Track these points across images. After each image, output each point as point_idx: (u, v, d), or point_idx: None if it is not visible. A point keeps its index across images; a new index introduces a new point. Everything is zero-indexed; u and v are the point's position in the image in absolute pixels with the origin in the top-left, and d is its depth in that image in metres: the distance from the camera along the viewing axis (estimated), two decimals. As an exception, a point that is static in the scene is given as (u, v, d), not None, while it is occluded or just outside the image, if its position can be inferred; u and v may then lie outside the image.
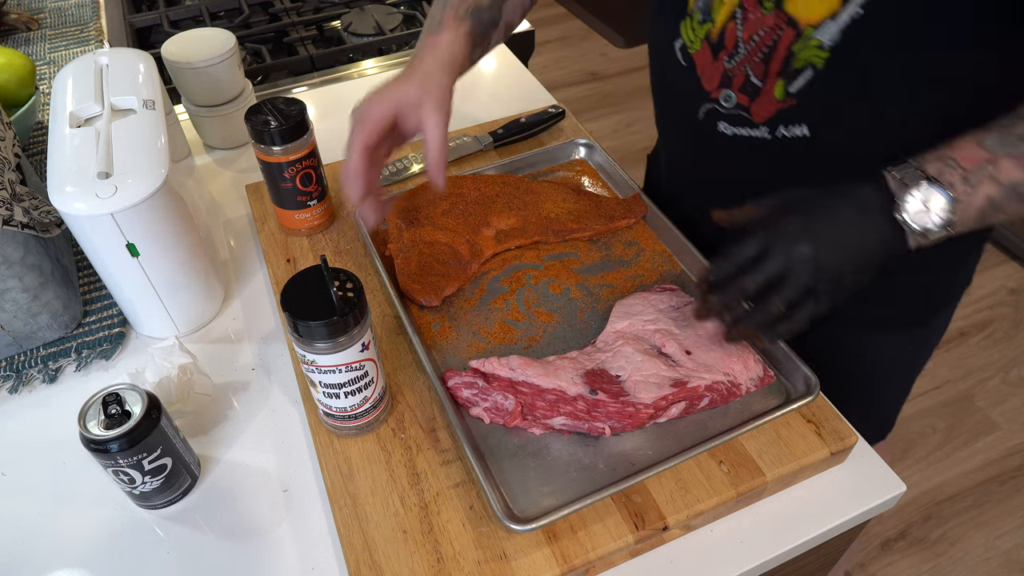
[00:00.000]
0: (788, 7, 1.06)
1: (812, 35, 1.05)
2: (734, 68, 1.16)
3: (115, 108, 1.23)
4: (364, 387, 1.06)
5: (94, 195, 1.09)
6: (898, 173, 0.98)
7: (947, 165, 0.96)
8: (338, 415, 1.08)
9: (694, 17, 1.19)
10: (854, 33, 1.02)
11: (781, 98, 1.13)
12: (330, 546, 1.04)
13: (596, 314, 1.27)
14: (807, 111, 1.13)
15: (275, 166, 1.33)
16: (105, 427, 0.98)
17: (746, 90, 1.16)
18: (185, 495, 1.10)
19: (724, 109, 1.21)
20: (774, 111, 1.15)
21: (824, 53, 1.05)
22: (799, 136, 1.15)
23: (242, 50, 2.01)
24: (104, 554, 1.05)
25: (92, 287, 1.39)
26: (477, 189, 1.43)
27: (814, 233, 0.99)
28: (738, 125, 1.21)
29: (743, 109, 1.19)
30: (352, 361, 1.01)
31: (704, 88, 1.23)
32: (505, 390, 1.12)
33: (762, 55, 1.12)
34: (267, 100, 1.32)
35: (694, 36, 1.21)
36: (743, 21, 1.12)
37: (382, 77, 1.97)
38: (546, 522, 0.97)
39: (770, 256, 1.00)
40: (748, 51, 1.13)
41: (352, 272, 1.00)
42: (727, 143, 1.24)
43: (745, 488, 1.03)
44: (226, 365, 1.27)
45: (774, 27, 1.08)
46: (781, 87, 1.12)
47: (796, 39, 1.07)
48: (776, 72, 1.11)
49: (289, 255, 1.40)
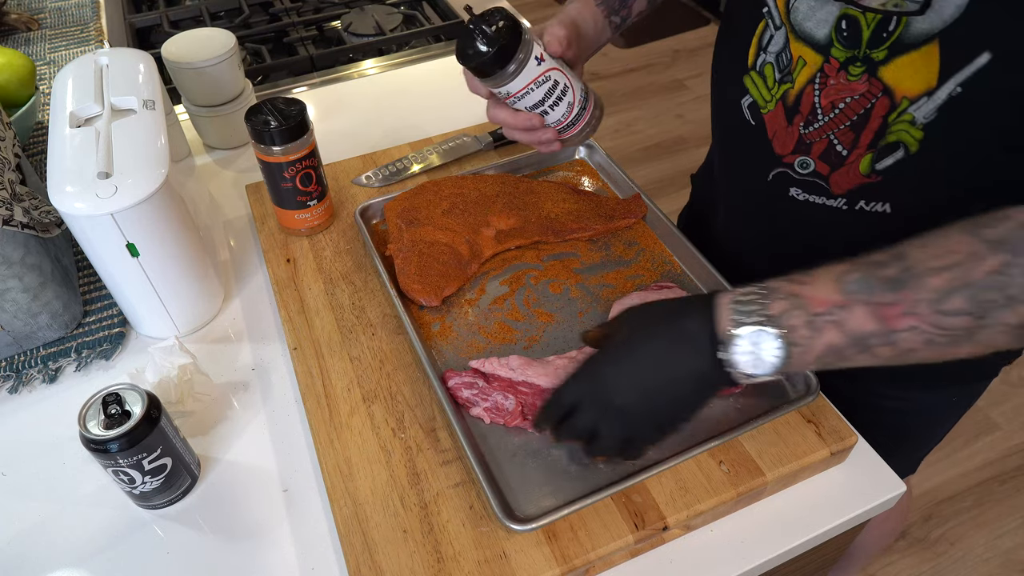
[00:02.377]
0: (883, 75, 1.01)
1: (907, 108, 1.00)
2: (813, 135, 1.12)
3: (115, 108, 1.23)
4: (563, 93, 1.20)
5: (94, 195, 1.09)
6: (739, 304, 0.90)
7: (794, 303, 0.87)
8: (564, 127, 1.25)
9: (766, 75, 1.14)
10: (951, 113, 0.98)
11: (866, 173, 1.09)
12: (330, 546, 1.04)
13: (596, 314, 1.27)
14: (892, 190, 1.09)
15: (275, 166, 1.33)
16: (105, 427, 0.98)
17: (828, 159, 1.12)
18: (185, 495, 1.10)
19: (798, 175, 1.17)
20: (856, 185, 1.11)
21: (918, 132, 1.01)
22: (879, 212, 1.12)
23: (242, 50, 2.01)
24: (104, 554, 1.05)
25: (92, 287, 1.39)
26: (477, 189, 1.43)
27: (623, 381, 0.95)
28: (813, 193, 1.17)
29: (821, 178, 1.15)
30: (537, 76, 1.16)
31: (776, 152, 1.18)
32: (505, 390, 1.12)
33: (851, 123, 1.07)
34: (267, 100, 1.32)
35: (768, 96, 1.16)
36: (822, 87, 1.07)
37: (382, 77, 1.98)
38: (546, 522, 0.97)
39: (579, 410, 0.98)
40: (832, 118, 1.08)
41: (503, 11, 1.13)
42: (797, 208, 1.20)
43: (745, 488, 1.03)
44: (226, 365, 1.27)
45: (867, 95, 1.03)
46: (868, 162, 1.08)
47: (891, 110, 1.02)
48: (867, 144, 1.06)
49: (289, 255, 1.40)
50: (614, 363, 0.96)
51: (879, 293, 0.84)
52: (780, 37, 1.10)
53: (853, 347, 0.87)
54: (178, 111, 1.76)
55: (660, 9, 1.41)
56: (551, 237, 1.38)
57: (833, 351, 0.88)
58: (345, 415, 1.14)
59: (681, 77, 4.88)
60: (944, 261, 0.82)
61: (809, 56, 1.07)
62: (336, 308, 1.29)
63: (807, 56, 1.07)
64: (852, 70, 1.03)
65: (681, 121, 4.52)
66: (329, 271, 1.36)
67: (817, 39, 1.05)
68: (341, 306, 1.30)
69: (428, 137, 1.67)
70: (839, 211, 1.15)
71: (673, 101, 4.68)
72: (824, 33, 1.04)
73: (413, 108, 1.83)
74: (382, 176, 1.56)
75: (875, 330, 0.85)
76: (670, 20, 5.34)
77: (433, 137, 1.67)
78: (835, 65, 1.04)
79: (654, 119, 4.55)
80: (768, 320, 0.88)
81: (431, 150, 1.62)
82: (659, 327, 0.96)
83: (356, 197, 1.52)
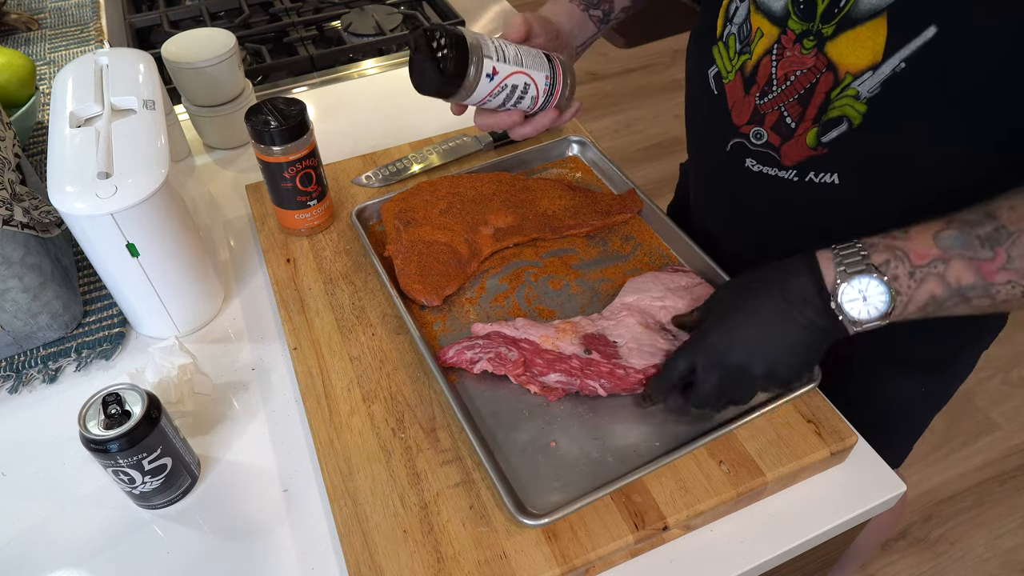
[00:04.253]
0: (829, 50, 1.04)
1: (851, 84, 1.03)
2: (766, 105, 1.15)
3: (115, 108, 1.23)
4: (523, 93, 1.25)
5: (94, 195, 1.09)
6: (841, 257, 0.94)
7: (895, 256, 0.92)
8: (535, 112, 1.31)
9: (729, 45, 1.18)
10: (894, 87, 1.00)
11: (812, 145, 1.12)
12: (330, 546, 1.04)
13: (597, 308, 1.26)
14: (838, 161, 1.11)
15: (275, 166, 1.33)
16: (105, 427, 0.98)
17: (779, 130, 1.15)
18: (185, 495, 1.10)
19: (752, 146, 1.20)
20: (804, 157, 1.14)
21: (861, 106, 1.04)
22: (828, 183, 1.14)
23: (242, 50, 2.01)
24: (104, 554, 1.05)
25: (92, 287, 1.39)
26: (473, 188, 1.43)
27: (740, 340, 1.00)
28: (766, 164, 1.20)
29: (773, 149, 1.17)
30: (493, 88, 1.21)
31: (733, 122, 1.21)
32: (508, 345, 1.15)
33: (798, 96, 1.10)
34: (267, 100, 1.32)
35: (730, 66, 1.19)
36: (779, 58, 1.10)
37: (382, 77, 1.98)
38: (559, 516, 0.97)
39: (700, 375, 1.01)
40: (783, 90, 1.11)
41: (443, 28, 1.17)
42: (752, 179, 1.23)
43: (745, 488, 1.03)
44: (226, 365, 1.27)
45: (813, 69, 1.06)
46: (814, 135, 1.11)
47: (834, 85, 1.05)
48: (812, 118, 1.10)
49: (289, 255, 1.40)
50: (728, 326, 1.01)
51: (977, 249, 0.89)
52: (744, 9, 1.14)
53: (954, 297, 0.92)
54: (178, 111, 1.76)
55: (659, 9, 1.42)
56: (549, 234, 1.38)
57: (935, 301, 0.93)
58: (345, 415, 1.14)
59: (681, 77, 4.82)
60: None
61: (766, 27, 1.10)
62: (336, 308, 1.29)
63: (764, 27, 1.11)
64: (806, 43, 1.06)
65: (680, 121, 4.48)
66: (329, 271, 1.36)
67: (774, 11, 1.08)
68: (341, 306, 1.30)
69: (428, 137, 1.67)
70: (791, 183, 1.18)
71: (672, 101, 4.68)
72: (781, 5, 1.07)
73: (413, 108, 1.83)
74: (382, 176, 1.56)
75: (975, 283, 0.90)
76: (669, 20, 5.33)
77: (433, 137, 1.67)
78: (791, 37, 1.07)
79: (654, 119, 4.55)
80: (873, 269, 0.92)
81: (431, 150, 1.62)
82: (766, 287, 1.00)
83: (356, 197, 1.52)
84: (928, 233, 0.91)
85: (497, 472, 1.02)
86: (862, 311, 0.93)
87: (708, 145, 1.33)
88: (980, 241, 0.89)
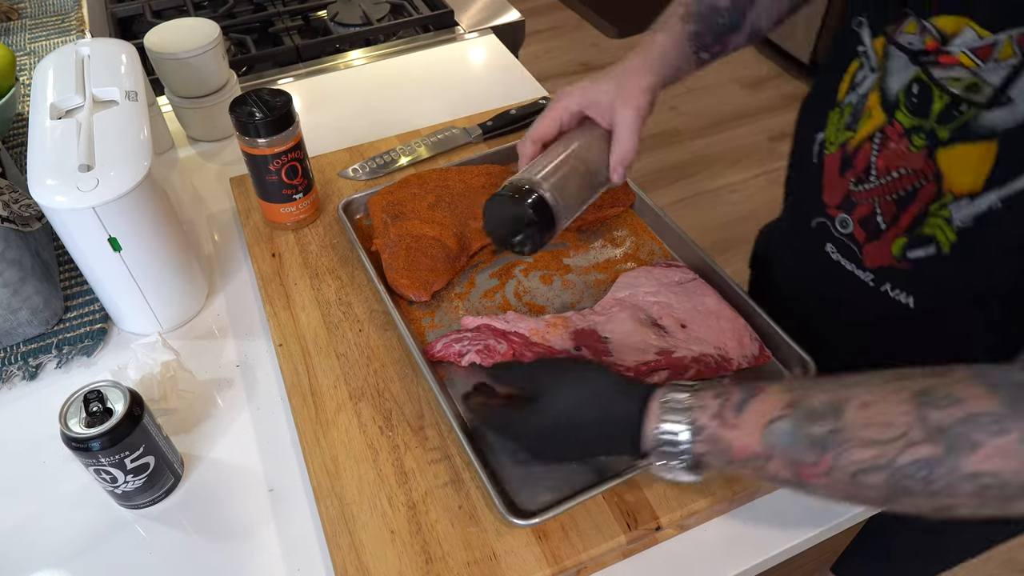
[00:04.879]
0: (940, 157, 0.96)
1: (948, 204, 0.97)
2: (860, 195, 1.09)
3: (97, 99, 1.23)
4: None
5: (75, 188, 1.08)
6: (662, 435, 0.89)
7: (713, 449, 0.87)
8: None
9: (844, 114, 1.10)
10: (987, 224, 0.94)
11: (897, 256, 1.06)
12: (316, 547, 1.04)
13: (588, 304, 1.27)
14: (918, 283, 1.07)
15: (260, 159, 1.32)
16: (86, 425, 0.98)
17: (867, 226, 1.09)
18: (168, 495, 1.10)
19: (836, 232, 1.15)
20: (886, 265, 1.09)
21: (951, 234, 0.98)
22: (902, 303, 1.10)
23: (226, 40, 2.01)
24: (85, 555, 1.04)
25: (73, 282, 1.38)
26: (463, 181, 1.43)
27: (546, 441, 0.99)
28: (846, 257, 1.16)
29: (856, 244, 1.13)
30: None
31: (823, 199, 1.16)
32: (497, 337, 1.15)
33: (897, 197, 1.03)
34: (252, 91, 1.31)
35: (834, 137, 1.12)
36: (880, 148, 1.03)
37: (369, 68, 1.98)
38: (548, 516, 0.97)
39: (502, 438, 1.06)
40: (881, 184, 1.05)
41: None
42: (830, 266, 1.19)
43: (740, 487, 1.04)
44: (210, 362, 1.27)
45: (919, 173, 0.99)
46: (900, 245, 1.05)
47: (935, 198, 0.98)
48: (905, 226, 1.03)
49: (274, 249, 1.40)
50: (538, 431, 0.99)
51: (802, 451, 0.81)
52: (870, 81, 1.05)
53: (763, 480, 0.91)
54: (161, 102, 1.75)
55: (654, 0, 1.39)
56: (540, 228, 1.38)
57: (744, 476, 0.95)
58: (331, 413, 1.14)
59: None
60: (878, 433, 0.78)
61: (876, 110, 1.03)
62: (322, 303, 1.29)
63: (875, 110, 1.04)
64: (915, 140, 0.98)
65: (675, 113, 4.52)
66: (315, 266, 1.36)
67: (888, 95, 1.01)
68: (327, 301, 1.30)
69: (416, 129, 1.67)
70: (865, 285, 1.13)
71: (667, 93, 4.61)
72: (895, 91, 1.00)
73: (401, 100, 1.83)
74: (369, 169, 1.56)
75: (788, 478, 0.84)
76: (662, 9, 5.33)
77: (421, 129, 1.67)
78: (899, 129, 1.00)
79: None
80: (686, 460, 0.89)
81: (419, 142, 1.62)
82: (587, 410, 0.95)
83: (342, 190, 1.52)
84: (762, 420, 0.84)
85: (487, 471, 1.02)
86: (668, 474, 0.91)
87: (796, 213, 1.28)
88: (809, 442, 0.81)
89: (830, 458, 0.79)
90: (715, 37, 1.21)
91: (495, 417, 1.04)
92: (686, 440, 0.87)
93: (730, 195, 4.00)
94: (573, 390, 0.96)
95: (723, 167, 4.17)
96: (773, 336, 1.19)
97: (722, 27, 1.21)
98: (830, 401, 0.81)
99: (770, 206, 3.87)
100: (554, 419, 0.95)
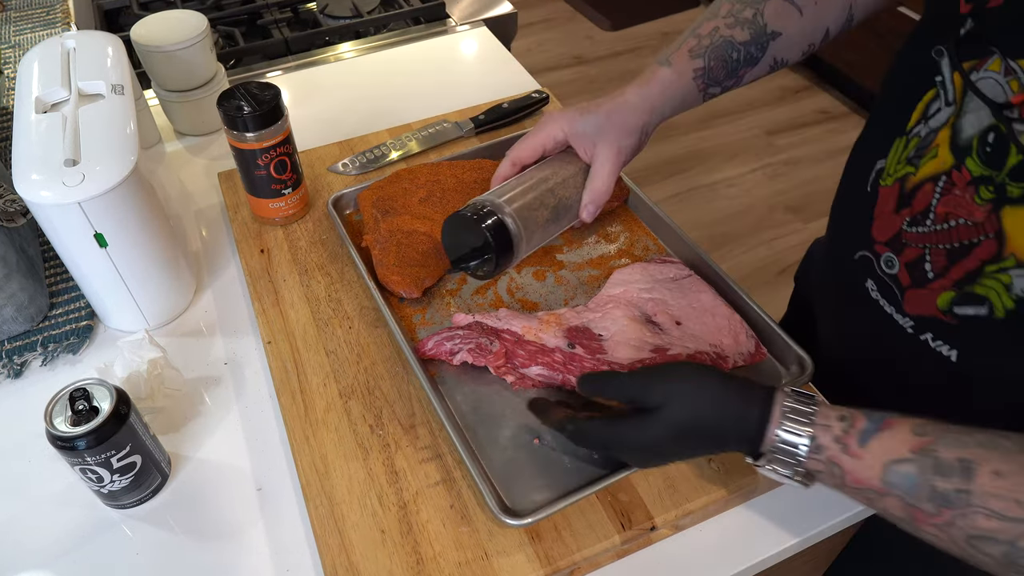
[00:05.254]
0: (1005, 216, 0.89)
1: (1009, 268, 0.90)
2: (912, 237, 1.02)
3: (83, 93, 1.23)
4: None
5: (61, 183, 1.08)
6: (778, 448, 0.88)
7: (830, 471, 0.86)
8: None
9: (909, 146, 1.01)
10: None
11: (943, 309, 1.00)
12: (306, 547, 1.04)
13: (582, 301, 1.27)
14: (963, 340, 1.01)
15: (248, 153, 1.32)
16: (72, 424, 0.97)
17: (913, 272, 1.03)
18: (155, 494, 1.10)
19: (879, 270, 1.09)
20: (928, 315, 1.03)
21: (1008, 300, 0.92)
22: (944, 355, 1.04)
23: (214, 33, 2.00)
24: (71, 555, 1.04)
25: (59, 279, 1.38)
26: (454, 176, 1.43)
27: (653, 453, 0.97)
28: (885, 297, 1.10)
29: (898, 287, 1.06)
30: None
31: (871, 232, 1.09)
32: (490, 336, 1.15)
33: (950, 248, 0.97)
34: (240, 85, 1.31)
35: (894, 169, 1.04)
36: (943, 193, 0.96)
37: (360, 61, 1.98)
38: (541, 516, 0.97)
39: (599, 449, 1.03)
40: (936, 231, 0.98)
41: None
42: (867, 303, 1.13)
43: (736, 486, 1.04)
44: (197, 359, 1.27)
45: (979, 227, 0.92)
46: (947, 299, 0.99)
47: (993, 258, 0.92)
48: (954, 279, 0.97)
49: (263, 245, 1.40)
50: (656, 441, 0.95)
51: (923, 500, 0.80)
52: (944, 116, 0.96)
53: (876, 511, 0.88)
54: (148, 96, 1.75)
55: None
56: (533, 225, 1.38)
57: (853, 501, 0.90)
58: (321, 411, 1.13)
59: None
60: (1006, 508, 0.76)
61: (944, 151, 0.96)
62: (312, 300, 1.29)
63: (942, 150, 0.96)
64: (983, 192, 0.91)
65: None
66: (304, 262, 1.36)
67: (961, 138, 0.93)
68: (317, 298, 1.29)
69: (407, 123, 1.67)
70: (904, 331, 1.08)
71: (661, 86, 4.67)
72: (969, 135, 0.92)
73: (391, 93, 1.83)
74: (359, 163, 1.56)
75: (900, 517, 0.84)
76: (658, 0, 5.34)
77: (412, 123, 1.67)
78: (966, 177, 0.93)
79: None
80: (801, 475, 0.89)
81: (410, 136, 1.61)
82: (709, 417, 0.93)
83: (332, 185, 1.52)
84: (886, 457, 0.83)
85: (479, 470, 1.02)
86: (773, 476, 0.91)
87: (840, 240, 1.23)
88: (932, 494, 0.80)
89: (950, 516, 0.79)
90: (728, 72, 1.18)
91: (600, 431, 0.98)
92: (803, 455, 0.87)
93: (727, 190, 4.01)
94: (694, 398, 0.93)
95: (719, 161, 4.17)
96: (770, 333, 1.19)
97: (736, 62, 1.18)
98: (961, 459, 0.79)
99: (767, 201, 3.88)
100: (678, 428, 0.92)
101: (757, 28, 1.15)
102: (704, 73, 1.16)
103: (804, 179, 4.06)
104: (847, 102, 4.54)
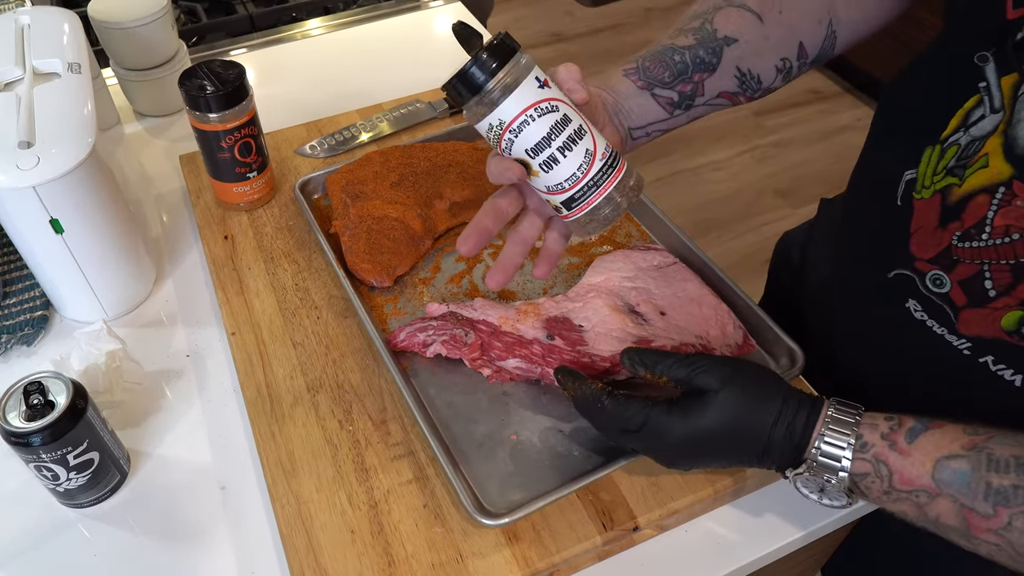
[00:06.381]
0: None
1: None
2: (965, 253, 0.96)
3: (37, 72, 1.22)
4: (576, 135, 0.92)
5: (14, 166, 1.07)
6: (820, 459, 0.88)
7: (877, 472, 0.86)
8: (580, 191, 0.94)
9: (945, 155, 0.96)
10: None
11: (1008, 330, 0.95)
12: (271, 548, 1.04)
13: (561, 290, 1.27)
14: None
15: (211, 135, 1.32)
16: (27, 419, 0.97)
17: (970, 290, 0.97)
18: (113, 493, 1.09)
19: (925, 290, 1.03)
20: (990, 336, 0.97)
21: None
22: (1007, 379, 0.99)
23: (176, 8, 1.99)
24: (25, 556, 1.04)
25: (12, 266, 1.37)
26: (427, 159, 1.43)
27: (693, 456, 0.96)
28: (934, 318, 1.04)
29: (951, 307, 1.00)
30: (538, 100, 0.90)
31: (910, 250, 1.03)
32: (464, 327, 1.15)
33: (1014, 264, 0.91)
34: (203, 63, 1.31)
35: (930, 181, 0.98)
36: (1002, 204, 0.90)
37: (328, 38, 1.97)
38: (519, 516, 0.97)
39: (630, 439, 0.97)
40: (996, 246, 0.92)
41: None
42: (910, 324, 1.07)
43: (723, 484, 1.04)
44: (158, 351, 1.27)
45: None
46: (1015, 319, 0.93)
47: None
48: (1021, 299, 0.92)
49: (227, 232, 1.39)
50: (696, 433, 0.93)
51: (978, 499, 0.80)
52: (990, 124, 0.91)
53: (926, 525, 0.86)
54: (106, 75, 1.74)
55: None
56: (509, 210, 1.37)
57: (899, 516, 0.88)
58: (288, 406, 1.13)
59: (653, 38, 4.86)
60: None
61: (997, 160, 0.90)
62: (278, 289, 1.29)
63: (995, 159, 0.90)
64: None
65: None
66: (270, 249, 1.35)
67: (1017, 145, 0.88)
68: (283, 287, 1.29)
69: (378, 103, 1.67)
70: (958, 353, 1.02)
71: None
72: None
73: (362, 72, 1.82)
74: (328, 146, 1.55)
75: (953, 525, 0.83)
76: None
77: (383, 103, 1.66)
78: None
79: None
80: (843, 480, 0.88)
81: (381, 117, 1.61)
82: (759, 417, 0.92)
83: (299, 168, 1.51)
84: (937, 453, 0.83)
85: (453, 468, 1.02)
86: (811, 496, 0.92)
87: (866, 261, 1.16)
88: (988, 491, 0.79)
89: (1007, 515, 0.78)
90: (673, 74, 1.13)
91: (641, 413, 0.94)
92: (847, 456, 0.87)
93: (713, 173, 4.01)
94: (750, 392, 0.92)
95: (705, 144, 4.17)
96: (758, 324, 1.19)
97: (682, 64, 1.12)
98: (1017, 457, 0.79)
99: (756, 185, 3.88)
100: (724, 422, 0.91)
101: (705, 33, 1.13)
102: (637, 71, 1.12)
103: (794, 162, 4.06)
104: (840, 82, 4.54)
